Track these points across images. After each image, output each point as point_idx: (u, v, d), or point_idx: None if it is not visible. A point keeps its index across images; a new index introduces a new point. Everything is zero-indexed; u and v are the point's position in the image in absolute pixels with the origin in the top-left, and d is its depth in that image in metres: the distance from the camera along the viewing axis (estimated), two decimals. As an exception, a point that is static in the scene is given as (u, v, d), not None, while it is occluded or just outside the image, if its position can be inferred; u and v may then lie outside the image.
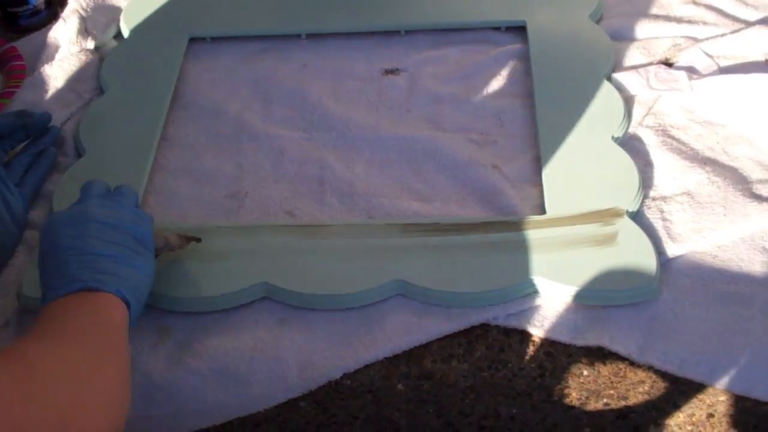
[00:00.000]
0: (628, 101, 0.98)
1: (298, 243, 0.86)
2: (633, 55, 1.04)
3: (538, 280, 0.81)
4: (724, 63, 1.01)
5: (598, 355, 0.79)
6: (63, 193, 0.92)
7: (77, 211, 0.76)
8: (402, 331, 0.80)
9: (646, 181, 0.90)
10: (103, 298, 0.71)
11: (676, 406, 0.79)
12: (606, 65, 1.02)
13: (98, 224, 0.75)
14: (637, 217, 0.87)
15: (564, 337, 0.79)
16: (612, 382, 0.78)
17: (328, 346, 0.79)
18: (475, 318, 0.81)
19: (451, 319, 0.81)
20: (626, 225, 0.84)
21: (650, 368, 0.78)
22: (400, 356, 0.79)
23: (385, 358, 0.79)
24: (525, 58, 1.06)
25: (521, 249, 0.83)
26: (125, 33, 1.14)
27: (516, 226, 0.86)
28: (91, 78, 1.08)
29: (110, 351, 0.67)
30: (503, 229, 0.85)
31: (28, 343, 0.64)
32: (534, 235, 0.85)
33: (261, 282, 0.83)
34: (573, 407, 0.80)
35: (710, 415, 0.79)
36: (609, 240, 0.83)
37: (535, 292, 0.82)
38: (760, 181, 0.89)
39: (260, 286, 0.83)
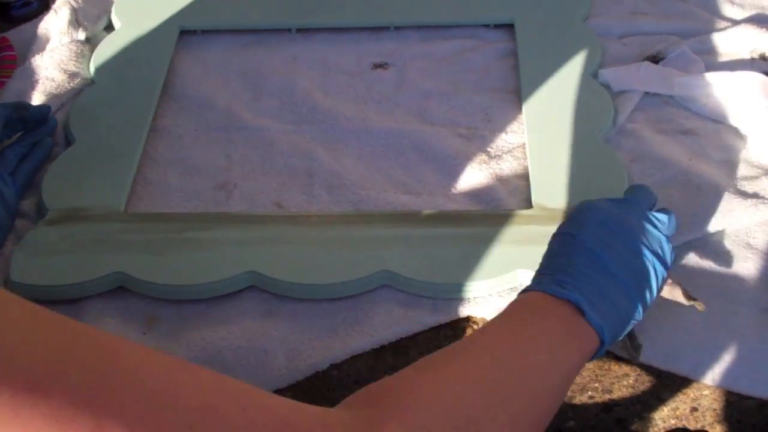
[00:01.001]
0: (615, 98, 0.99)
1: (285, 233, 0.86)
2: (620, 52, 1.05)
3: (524, 273, 0.81)
4: (710, 60, 1.01)
5: (583, 347, 0.79)
6: (51, 182, 0.93)
7: (619, 214, 0.71)
8: (389, 323, 0.80)
9: (632, 177, 0.90)
10: (582, 328, 0.65)
11: (660, 400, 0.80)
12: (593, 62, 1.03)
13: (631, 243, 0.70)
14: (623, 212, 0.87)
15: (549, 330, 0.80)
16: (597, 376, 0.79)
17: (315, 336, 0.80)
18: (461, 310, 0.81)
19: (438, 311, 0.81)
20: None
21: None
22: (387, 347, 0.80)
23: (372, 349, 0.80)
24: (513, 54, 1.07)
25: (507, 242, 0.84)
26: (116, 24, 1.14)
27: (502, 219, 0.86)
28: (82, 68, 1.08)
29: (551, 384, 0.62)
30: (490, 223, 0.86)
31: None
32: (520, 228, 0.85)
33: (248, 271, 0.83)
34: (557, 400, 0.81)
35: (694, 409, 0.80)
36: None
37: (521, 285, 0.82)
38: (746, 178, 0.89)
39: (247, 275, 0.83)
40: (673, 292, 0.77)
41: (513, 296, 0.81)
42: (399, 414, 0.54)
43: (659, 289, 0.72)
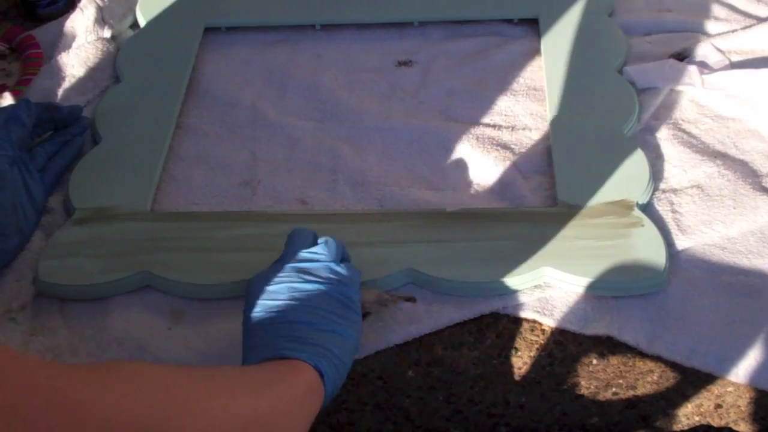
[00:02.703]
0: (639, 95, 0.99)
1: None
2: (645, 50, 1.05)
3: (548, 270, 0.82)
4: (735, 58, 1.01)
5: (608, 344, 0.79)
6: (78, 181, 0.93)
7: (273, 272, 0.74)
8: (413, 319, 0.81)
9: (656, 174, 0.90)
10: (292, 365, 0.67)
11: (685, 396, 0.80)
12: (618, 59, 1.02)
13: (295, 290, 0.73)
14: (648, 209, 0.87)
15: (573, 327, 0.80)
16: (621, 372, 0.79)
17: (340, 332, 0.80)
18: (485, 307, 0.81)
19: (462, 307, 0.81)
20: (636, 217, 0.85)
21: (659, 358, 0.78)
22: (411, 343, 0.80)
23: (396, 345, 0.80)
24: (537, 51, 1.07)
25: (532, 239, 0.84)
26: (141, 22, 1.15)
27: (527, 216, 0.86)
28: (108, 66, 1.09)
29: (263, 401, 0.63)
30: (514, 220, 0.86)
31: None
32: (545, 226, 0.85)
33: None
34: (582, 396, 0.81)
35: (718, 406, 0.80)
36: (622, 234, 0.83)
37: (545, 283, 0.82)
38: (771, 175, 0.89)
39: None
40: (381, 300, 0.79)
41: (537, 292, 0.81)
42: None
43: (363, 307, 0.76)
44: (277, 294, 0.73)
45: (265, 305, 0.72)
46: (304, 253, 0.76)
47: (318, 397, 0.68)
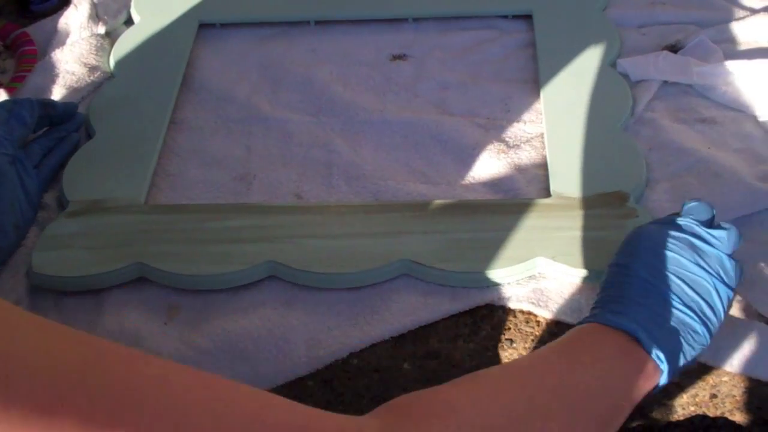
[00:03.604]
0: (633, 87, 0.99)
1: (304, 223, 0.87)
2: (638, 42, 1.05)
3: (543, 261, 0.82)
4: (729, 49, 1.01)
5: (603, 335, 0.79)
6: (71, 174, 0.93)
7: (669, 237, 0.70)
8: (408, 311, 0.81)
9: (650, 165, 0.90)
10: (639, 356, 0.64)
11: (680, 387, 0.80)
12: (611, 52, 1.03)
13: (686, 264, 0.68)
14: (642, 199, 0.87)
15: (568, 318, 0.80)
16: (616, 363, 0.79)
17: (335, 325, 0.80)
18: (480, 298, 0.81)
19: (457, 299, 0.81)
20: (631, 208, 0.85)
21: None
22: (407, 335, 0.80)
23: (392, 337, 0.80)
24: (531, 45, 1.07)
25: (526, 230, 0.84)
26: (135, 18, 1.15)
27: (521, 208, 0.86)
28: (102, 62, 1.09)
29: (603, 408, 0.61)
30: (508, 212, 0.86)
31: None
32: (539, 217, 0.85)
33: (268, 261, 0.83)
34: (577, 387, 0.81)
35: (713, 396, 0.80)
36: (617, 225, 0.83)
37: (540, 274, 0.83)
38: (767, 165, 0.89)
39: (267, 265, 0.84)
40: (746, 311, 0.76)
41: (531, 284, 0.81)
42: (432, 426, 0.54)
43: (727, 309, 0.70)
44: (660, 259, 0.68)
45: (643, 266, 0.68)
46: (702, 230, 0.71)
47: (645, 394, 0.65)
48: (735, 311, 0.79)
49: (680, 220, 0.73)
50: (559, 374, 0.62)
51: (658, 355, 0.64)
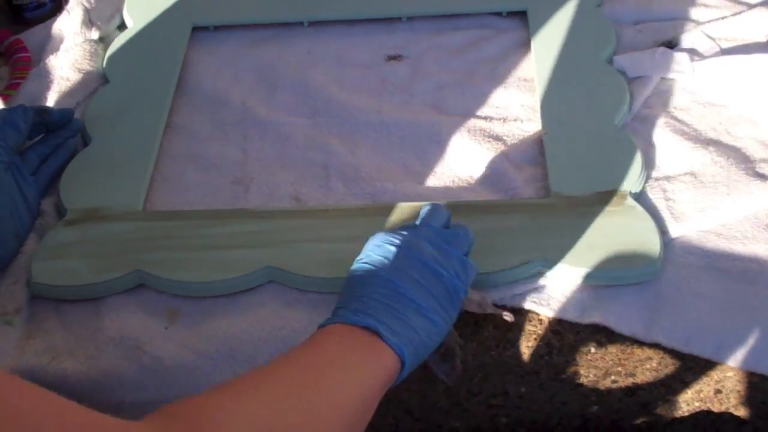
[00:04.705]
0: (630, 84, 0.99)
1: (303, 227, 0.86)
2: (634, 39, 1.05)
3: (543, 261, 0.81)
4: (725, 45, 1.01)
5: (606, 333, 0.79)
6: (68, 182, 0.93)
7: (408, 240, 0.73)
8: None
9: (649, 162, 0.90)
10: (381, 349, 0.67)
11: (684, 383, 0.80)
12: (607, 48, 1.02)
13: (420, 264, 0.71)
14: (641, 197, 0.87)
15: (570, 316, 0.80)
16: (620, 360, 0.79)
17: (337, 327, 0.80)
18: (479, 298, 0.81)
19: (458, 299, 0.81)
20: (629, 205, 0.85)
21: (657, 345, 0.78)
22: (409, 336, 0.80)
23: (394, 338, 0.80)
24: (526, 43, 1.07)
25: (526, 231, 0.84)
26: (129, 23, 1.14)
27: (520, 208, 0.86)
28: (96, 68, 1.08)
29: (351, 398, 0.64)
30: (508, 212, 0.86)
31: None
32: (538, 217, 0.85)
33: (267, 266, 0.83)
34: (581, 385, 0.80)
35: (718, 391, 0.80)
36: (616, 223, 0.83)
37: (541, 273, 0.82)
38: (764, 160, 0.89)
39: (266, 271, 0.83)
40: (482, 305, 0.79)
41: (532, 283, 0.81)
42: (210, 429, 0.56)
43: (464, 304, 0.75)
44: (398, 261, 0.71)
45: (382, 267, 0.71)
46: (438, 236, 0.75)
47: (389, 387, 0.68)
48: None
49: (418, 224, 0.77)
50: (314, 373, 0.64)
51: (399, 348, 0.67)
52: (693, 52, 1.00)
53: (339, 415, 0.62)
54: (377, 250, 0.73)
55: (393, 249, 0.72)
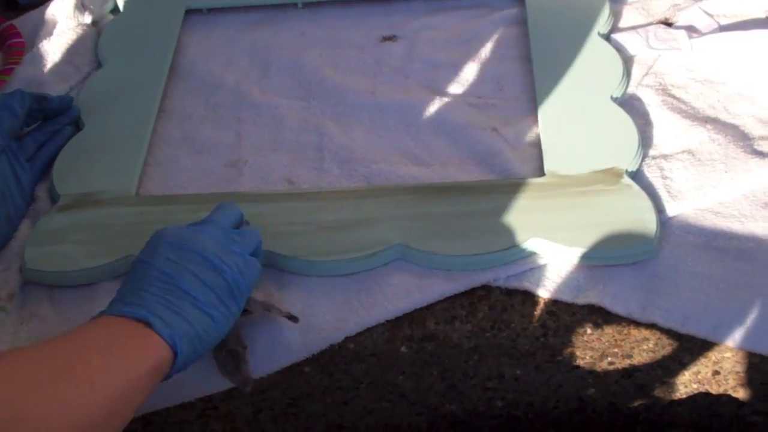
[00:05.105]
0: (628, 61, 0.98)
1: (297, 210, 0.86)
2: (632, 16, 1.04)
3: (539, 241, 0.80)
4: (724, 21, 1.00)
5: (602, 313, 0.78)
6: (62, 168, 0.93)
7: (190, 235, 0.73)
8: (402, 294, 0.80)
9: (646, 140, 0.89)
10: (151, 339, 0.67)
11: (682, 364, 0.79)
12: (604, 27, 1.01)
13: (200, 258, 0.72)
14: (637, 176, 0.86)
15: (566, 297, 0.79)
16: (616, 341, 0.78)
17: (329, 309, 0.79)
18: (476, 279, 0.80)
19: (452, 280, 0.80)
20: (626, 184, 0.84)
21: (654, 326, 0.77)
22: (403, 318, 0.79)
23: (387, 320, 0.79)
24: (523, 22, 1.05)
25: (521, 211, 0.83)
26: (121, 7, 1.14)
27: (515, 188, 0.85)
28: (89, 52, 1.08)
29: (112, 385, 0.63)
30: (503, 192, 0.85)
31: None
32: (533, 196, 0.84)
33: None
34: (577, 367, 0.80)
35: (716, 372, 0.79)
36: (612, 202, 0.83)
37: (536, 254, 0.81)
38: (762, 138, 0.88)
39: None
40: (266, 306, 0.79)
41: (528, 264, 0.80)
42: None
43: (247, 304, 0.75)
44: (180, 255, 0.71)
45: (162, 261, 0.71)
46: (223, 234, 0.75)
47: (161, 377, 0.68)
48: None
49: (205, 221, 0.77)
50: (73, 359, 0.63)
51: (171, 339, 0.67)
52: (691, 29, 0.99)
53: (97, 401, 0.61)
54: (158, 245, 0.72)
55: (175, 243, 0.72)
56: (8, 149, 0.89)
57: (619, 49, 0.99)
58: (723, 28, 0.99)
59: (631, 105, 0.93)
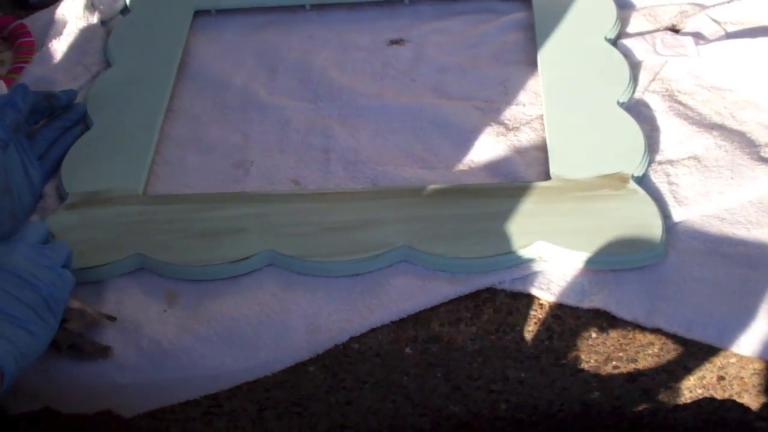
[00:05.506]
0: (634, 67, 0.98)
1: (302, 210, 0.86)
2: (639, 22, 1.04)
3: (544, 245, 0.81)
4: (731, 29, 1.00)
5: (607, 317, 0.78)
6: (70, 166, 0.93)
7: (16, 256, 0.74)
8: (407, 295, 0.80)
9: (652, 146, 0.89)
10: None
11: (687, 369, 0.79)
12: (611, 32, 1.01)
13: (12, 276, 0.72)
14: (643, 181, 0.86)
15: (571, 301, 0.79)
16: (621, 345, 0.78)
17: (334, 310, 0.80)
18: (480, 282, 0.80)
19: (456, 283, 0.80)
20: (632, 189, 0.84)
21: (659, 331, 0.77)
22: (408, 320, 0.79)
23: (392, 322, 0.79)
24: (529, 26, 1.06)
25: (526, 214, 0.83)
26: (131, 7, 1.14)
27: (521, 191, 0.85)
28: (98, 51, 1.08)
29: None
30: (508, 195, 0.85)
31: None
32: (539, 200, 0.84)
33: (266, 250, 0.83)
34: (582, 370, 0.80)
35: (721, 378, 0.79)
36: (618, 207, 0.83)
37: (541, 257, 0.82)
38: (768, 145, 0.88)
39: (265, 254, 0.83)
40: (83, 314, 0.79)
41: (533, 267, 0.81)
42: None
43: (65, 313, 0.76)
44: (1, 278, 0.71)
45: None
46: (32, 250, 0.75)
47: None
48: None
49: (17, 238, 0.77)
50: None
51: (3, 364, 0.67)
52: (698, 36, 0.99)
53: None
54: None
55: None
56: (20, 146, 0.89)
57: (626, 54, 0.99)
58: (730, 35, 0.99)
59: (637, 110, 0.93)
